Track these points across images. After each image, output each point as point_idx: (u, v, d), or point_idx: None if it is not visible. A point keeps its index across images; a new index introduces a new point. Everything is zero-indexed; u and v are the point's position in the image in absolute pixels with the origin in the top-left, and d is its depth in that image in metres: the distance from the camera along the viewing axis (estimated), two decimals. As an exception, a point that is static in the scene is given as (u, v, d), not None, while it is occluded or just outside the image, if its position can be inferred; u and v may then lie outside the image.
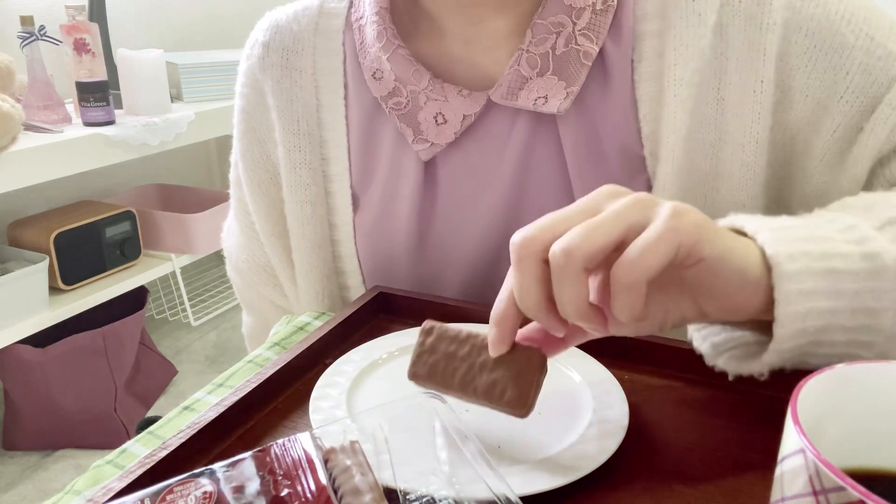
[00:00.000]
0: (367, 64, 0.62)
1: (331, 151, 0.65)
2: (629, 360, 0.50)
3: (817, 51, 0.54)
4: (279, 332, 0.61)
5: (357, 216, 0.65)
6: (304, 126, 0.65)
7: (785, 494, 0.26)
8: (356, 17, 0.63)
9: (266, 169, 0.68)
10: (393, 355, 0.50)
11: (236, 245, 0.76)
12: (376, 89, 0.61)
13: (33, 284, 1.59)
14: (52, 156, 1.51)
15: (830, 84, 0.54)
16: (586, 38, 0.56)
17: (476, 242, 0.61)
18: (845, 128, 0.55)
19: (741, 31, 0.54)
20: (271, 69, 0.65)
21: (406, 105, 0.60)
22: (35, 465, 1.72)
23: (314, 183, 0.65)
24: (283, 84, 0.65)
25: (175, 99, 1.94)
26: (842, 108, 0.54)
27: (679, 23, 0.55)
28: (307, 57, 0.64)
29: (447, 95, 0.59)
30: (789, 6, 0.53)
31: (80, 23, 1.61)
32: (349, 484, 0.31)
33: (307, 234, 0.66)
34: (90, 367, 1.77)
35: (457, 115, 0.59)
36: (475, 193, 0.61)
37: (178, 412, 0.50)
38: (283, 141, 0.65)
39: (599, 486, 0.38)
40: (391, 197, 0.63)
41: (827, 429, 0.29)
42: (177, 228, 1.92)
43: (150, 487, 0.32)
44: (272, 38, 0.65)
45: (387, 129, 0.63)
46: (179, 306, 2.14)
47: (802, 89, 0.54)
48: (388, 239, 0.63)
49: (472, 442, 0.35)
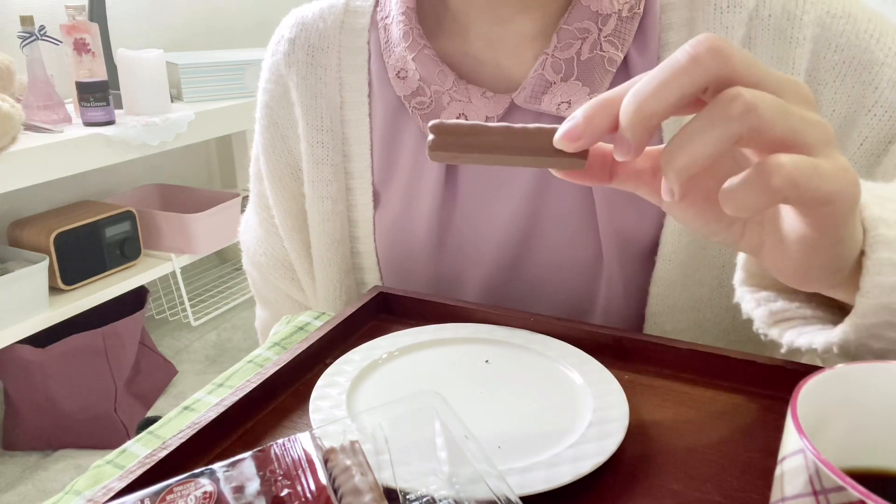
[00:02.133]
0: (392, 63, 0.62)
1: (353, 148, 0.65)
2: (629, 360, 0.50)
3: (846, 66, 0.54)
4: (279, 332, 0.61)
5: (377, 213, 0.65)
6: (327, 122, 0.65)
7: (785, 494, 0.26)
8: (382, 15, 0.64)
9: (288, 164, 0.69)
10: (393, 355, 0.50)
11: (254, 239, 0.77)
12: (400, 88, 0.62)
13: (33, 284, 1.59)
14: (52, 156, 1.51)
15: (858, 98, 0.54)
16: (611, 45, 0.56)
17: (496, 243, 0.62)
18: (873, 141, 0.54)
19: (770, 45, 0.54)
20: (296, 65, 0.66)
21: (429, 105, 0.61)
22: (35, 465, 1.72)
23: (335, 179, 0.66)
24: (308, 80, 0.66)
25: (175, 99, 1.94)
26: (869, 122, 0.54)
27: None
28: (332, 54, 0.65)
29: (471, 97, 0.59)
30: (819, 22, 0.54)
31: (80, 23, 1.61)
32: (349, 484, 0.31)
33: (327, 230, 0.67)
34: (90, 367, 1.77)
35: (479, 117, 0.59)
36: (496, 194, 0.61)
37: (178, 412, 0.50)
38: (307, 137, 0.66)
39: (599, 486, 0.38)
40: (412, 195, 0.63)
41: (827, 429, 0.29)
42: (177, 228, 1.92)
43: (150, 487, 0.32)
44: (298, 35, 0.66)
45: (409, 127, 0.63)
46: (179, 306, 2.14)
47: (830, 104, 0.54)
48: (408, 237, 0.64)
49: (472, 442, 0.35)
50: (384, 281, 0.67)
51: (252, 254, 0.77)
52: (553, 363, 0.49)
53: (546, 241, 0.61)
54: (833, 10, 0.54)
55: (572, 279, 0.61)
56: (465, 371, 0.49)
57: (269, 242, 0.74)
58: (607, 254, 0.59)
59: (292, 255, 0.72)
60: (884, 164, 0.55)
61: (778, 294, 0.44)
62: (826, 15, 0.54)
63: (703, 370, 0.48)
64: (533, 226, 0.61)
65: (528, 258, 0.62)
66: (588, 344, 0.51)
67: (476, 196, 0.62)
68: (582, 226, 0.59)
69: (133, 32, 2.13)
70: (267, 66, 0.69)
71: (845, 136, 0.55)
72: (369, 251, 0.67)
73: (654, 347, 0.50)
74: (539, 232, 0.61)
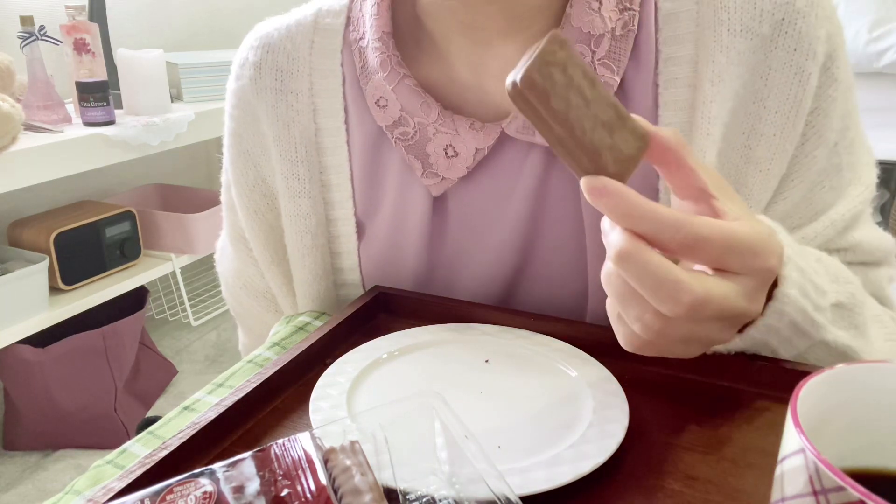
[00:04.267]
0: (370, 91, 0.59)
1: (332, 178, 0.62)
2: (629, 360, 0.50)
3: (815, 130, 0.54)
4: (279, 332, 0.61)
5: (362, 245, 0.62)
6: (301, 153, 0.61)
7: (785, 494, 0.26)
8: (355, 36, 0.60)
9: (263, 194, 0.65)
10: (393, 355, 0.50)
11: (232, 271, 0.73)
12: (381, 118, 0.58)
13: (33, 284, 1.59)
14: (52, 156, 1.51)
15: (809, 165, 0.55)
16: (606, 68, 0.53)
17: (487, 278, 0.59)
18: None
19: (787, 83, 0.52)
20: (264, 93, 0.61)
21: (413, 136, 0.58)
22: (35, 465, 1.72)
23: (314, 212, 0.62)
24: (278, 109, 0.61)
25: (175, 99, 1.94)
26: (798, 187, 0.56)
27: (719, 57, 0.52)
28: (303, 78, 0.61)
29: (458, 129, 0.56)
30: (825, 72, 0.52)
31: (80, 23, 1.61)
32: (349, 484, 0.31)
33: (308, 265, 0.64)
34: (90, 367, 1.77)
35: (469, 149, 0.56)
36: (487, 228, 0.59)
37: (178, 412, 0.50)
38: (281, 170, 0.62)
39: (599, 486, 0.38)
40: (398, 228, 0.60)
41: (827, 429, 0.29)
42: (177, 228, 1.92)
43: (150, 487, 0.32)
44: (264, 59, 0.61)
45: (392, 156, 0.60)
46: (179, 306, 2.14)
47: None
48: (396, 270, 0.61)
49: (472, 442, 0.35)
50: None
51: (231, 286, 0.74)
52: (553, 363, 0.49)
53: (537, 273, 0.59)
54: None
55: (558, 314, 0.59)
56: (465, 371, 0.49)
57: (248, 275, 0.70)
58: (593, 288, 0.57)
59: (274, 289, 0.68)
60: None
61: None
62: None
63: (703, 370, 0.48)
64: (525, 261, 0.59)
65: (520, 292, 0.60)
66: (588, 344, 0.51)
67: (466, 230, 0.59)
68: (570, 259, 0.57)
69: (133, 32, 2.13)
70: (232, 91, 0.64)
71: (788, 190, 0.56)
72: (355, 283, 0.64)
73: (654, 347, 0.50)
74: (530, 264, 0.59)
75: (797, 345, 0.46)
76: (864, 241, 0.57)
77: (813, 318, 0.44)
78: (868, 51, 2.18)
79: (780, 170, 0.54)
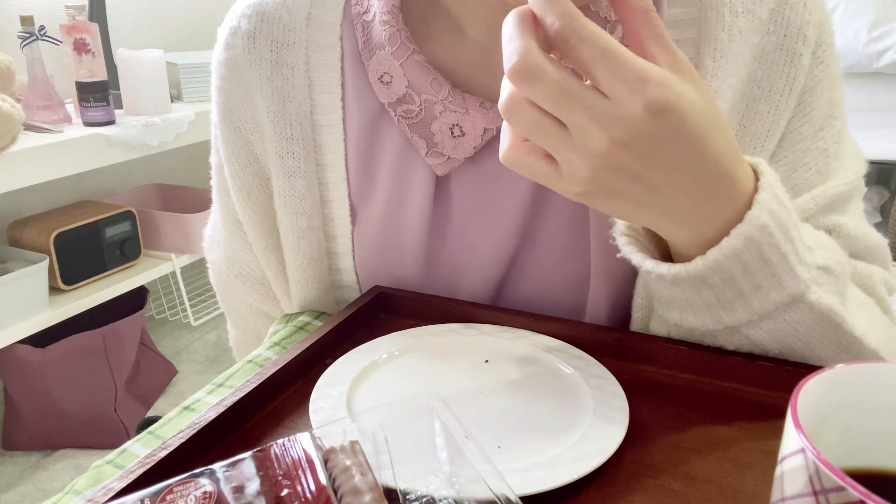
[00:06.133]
0: (374, 66, 0.57)
1: (327, 157, 0.60)
2: (629, 360, 0.50)
3: (802, 108, 0.55)
4: (279, 332, 0.61)
5: (356, 229, 0.61)
6: (297, 130, 0.59)
7: (785, 494, 0.26)
8: (358, 10, 0.59)
9: (255, 174, 0.63)
10: (393, 355, 0.50)
11: (224, 258, 0.71)
12: (384, 94, 0.57)
13: (33, 284, 1.59)
14: (52, 156, 1.51)
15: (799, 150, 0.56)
16: None
17: (489, 262, 0.59)
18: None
19: (780, 64, 0.53)
20: (259, 64, 0.59)
21: (418, 114, 0.56)
22: (35, 465, 1.72)
23: (309, 193, 0.60)
24: (273, 82, 0.59)
25: (175, 99, 1.94)
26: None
27: (720, 35, 0.53)
28: (300, 51, 0.58)
29: (468, 107, 0.55)
30: (814, 55, 0.54)
31: (80, 23, 1.61)
32: (349, 484, 0.31)
33: (303, 248, 0.62)
34: (90, 367, 1.77)
35: (476, 129, 0.56)
36: (491, 210, 0.58)
37: (178, 412, 0.50)
38: (276, 147, 0.60)
39: (599, 486, 0.38)
40: (396, 211, 0.59)
41: (827, 429, 0.29)
42: (177, 228, 1.92)
43: (150, 487, 0.32)
44: (258, 28, 0.58)
45: (390, 135, 0.59)
46: (179, 306, 2.14)
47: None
48: (393, 255, 0.60)
49: (472, 442, 0.35)
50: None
51: (223, 274, 0.71)
52: (553, 363, 0.49)
53: (537, 259, 0.58)
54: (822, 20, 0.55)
55: (559, 299, 0.59)
56: (465, 371, 0.49)
57: (244, 261, 0.68)
58: (595, 272, 0.57)
59: (269, 274, 0.67)
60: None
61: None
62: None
63: (703, 370, 0.48)
64: (529, 244, 0.58)
65: (523, 276, 0.60)
66: (588, 344, 0.51)
67: (470, 213, 0.58)
68: (573, 243, 0.57)
69: (133, 32, 2.13)
70: (221, 62, 0.61)
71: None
72: (349, 268, 0.62)
73: (654, 347, 0.50)
74: (533, 247, 0.58)
75: (769, 293, 0.44)
76: (850, 225, 0.57)
77: (785, 254, 0.43)
78: (868, 51, 2.18)
79: (773, 148, 0.55)
